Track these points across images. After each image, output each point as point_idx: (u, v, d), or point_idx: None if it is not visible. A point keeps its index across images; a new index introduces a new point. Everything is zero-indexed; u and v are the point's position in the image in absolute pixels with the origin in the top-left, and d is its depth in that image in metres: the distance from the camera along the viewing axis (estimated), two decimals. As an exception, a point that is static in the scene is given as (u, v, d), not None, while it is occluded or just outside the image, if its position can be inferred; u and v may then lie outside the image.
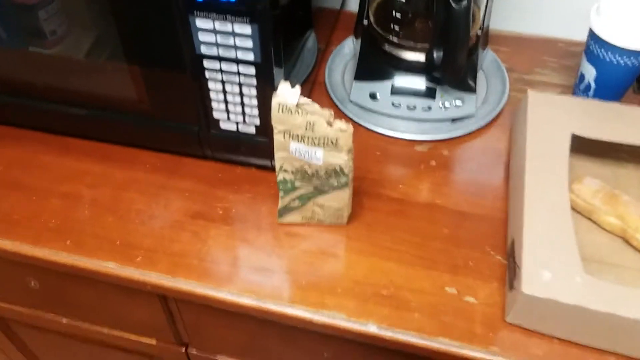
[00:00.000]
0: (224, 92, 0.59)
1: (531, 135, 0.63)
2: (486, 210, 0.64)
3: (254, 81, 0.57)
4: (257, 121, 0.61)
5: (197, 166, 0.68)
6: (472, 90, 0.72)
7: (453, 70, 0.67)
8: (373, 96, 0.73)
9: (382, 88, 0.73)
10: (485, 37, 0.77)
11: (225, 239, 0.61)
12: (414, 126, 0.73)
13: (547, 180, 0.58)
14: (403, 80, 0.73)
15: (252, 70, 0.56)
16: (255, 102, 0.59)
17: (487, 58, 0.80)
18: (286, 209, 0.61)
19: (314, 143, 0.53)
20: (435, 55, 0.68)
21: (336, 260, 0.59)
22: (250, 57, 0.54)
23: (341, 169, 0.55)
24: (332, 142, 0.53)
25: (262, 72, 0.56)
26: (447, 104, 0.72)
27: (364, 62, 0.75)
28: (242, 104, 0.59)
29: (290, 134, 0.54)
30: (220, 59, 0.55)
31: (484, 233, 0.62)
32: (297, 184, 0.58)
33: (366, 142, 0.72)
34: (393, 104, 0.73)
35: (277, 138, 0.54)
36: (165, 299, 0.67)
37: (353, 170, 0.57)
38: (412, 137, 0.71)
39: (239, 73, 0.56)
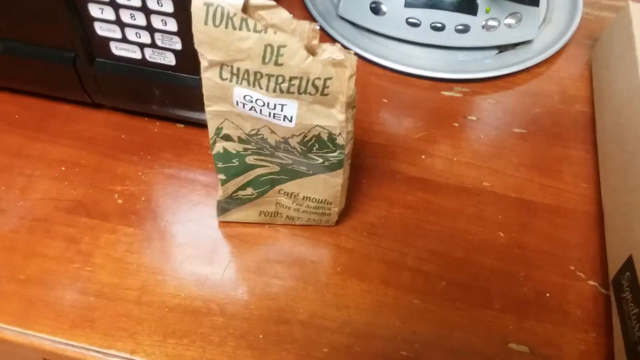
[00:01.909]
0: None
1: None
2: (564, 199, 0.39)
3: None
4: (177, 43, 0.33)
5: (83, 120, 0.41)
6: (534, 1, 0.45)
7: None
8: (375, 9, 0.46)
9: (391, -5, 0.46)
10: None
11: (125, 253, 0.35)
12: (439, 57, 0.46)
13: None
14: (425, -17, 0.45)
15: None
16: (170, 5, 0.31)
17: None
18: (232, 202, 0.35)
19: (281, 90, 0.27)
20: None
21: (317, 293, 0.34)
22: None
23: (332, 139, 0.29)
24: (315, 87, 0.26)
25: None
26: (493, 22, 0.45)
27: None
28: (146, 9, 0.32)
29: (232, 70, 0.27)
30: None
31: (564, 240, 0.37)
32: (251, 160, 0.32)
33: (365, 81, 0.45)
34: (408, 22, 0.45)
35: (208, 77, 0.27)
36: None
37: (353, 137, 0.31)
38: (439, 75, 0.45)
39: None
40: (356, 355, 0.31)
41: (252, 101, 0.28)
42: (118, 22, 0.33)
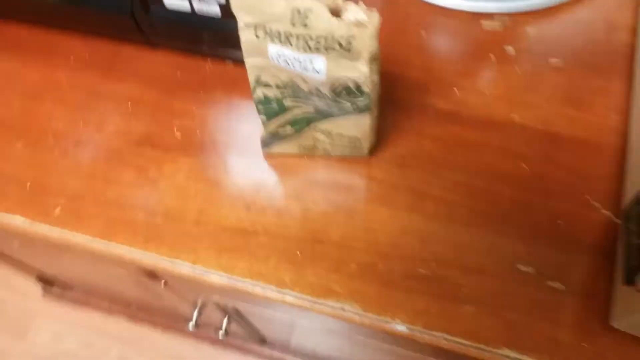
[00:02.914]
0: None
1: None
2: (592, 131, 0.41)
3: None
4: (221, -6, 0.36)
5: (144, 60, 0.45)
6: None
7: None
8: None
9: None
10: None
11: (185, 180, 0.40)
12: (482, -13, 0.46)
13: None
14: None
15: None
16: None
17: None
18: (274, 137, 0.39)
19: (309, 47, 0.30)
20: None
21: (349, 217, 0.39)
22: None
23: (358, 87, 0.32)
24: (340, 45, 0.29)
25: None
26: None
27: None
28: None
29: (265, 30, 0.30)
30: None
31: (586, 172, 0.39)
32: (288, 103, 0.36)
33: (402, 13, 0.46)
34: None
35: (245, 36, 0.31)
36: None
37: (379, 84, 0.33)
38: (478, 7, 0.45)
39: None
40: (379, 272, 0.37)
41: (284, 57, 0.31)
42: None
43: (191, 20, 0.39)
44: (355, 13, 0.29)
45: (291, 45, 0.30)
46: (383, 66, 0.44)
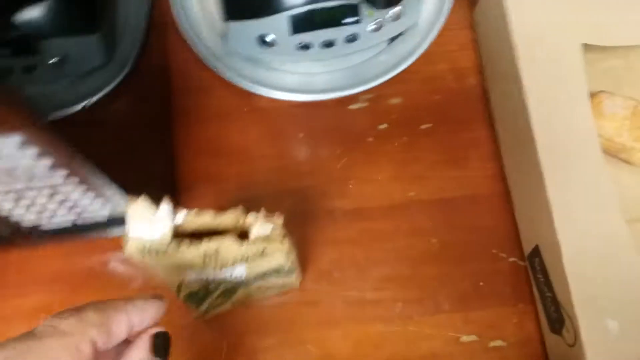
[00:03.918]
0: None
1: (519, 41, 0.41)
2: (476, 186, 0.45)
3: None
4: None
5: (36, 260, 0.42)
6: (409, -14, 0.46)
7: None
8: (263, 40, 0.45)
9: (274, 24, 0.45)
10: None
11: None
12: (340, 75, 0.47)
13: (561, 118, 0.39)
14: (304, 2, 0.45)
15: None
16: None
17: None
18: (207, 312, 0.39)
19: (225, 265, 0.30)
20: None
21: (294, 348, 0.40)
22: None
23: (279, 269, 0.33)
24: (256, 254, 0.30)
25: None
26: (378, 21, 0.46)
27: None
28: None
29: (179, 270, 0.30)
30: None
31: (485, 226, 0.44)
32: (212, 287, 0.36)
33: (273, 119, 0.47)
34: (299, 46, 0.46)
35: (156, 274, 0.30)
36: None
37: (296, 253, 0.35)
38: (341, 94, 0.46)
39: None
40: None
41: (205, 274, 0.31)
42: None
43: (75, 228, 0.37)
44: (260, 228, 0.29)
45: (206, 270, 0.30)
46: (280, 184, 0.44)
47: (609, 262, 0.36)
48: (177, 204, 0.43)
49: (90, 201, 0.31)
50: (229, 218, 0.29)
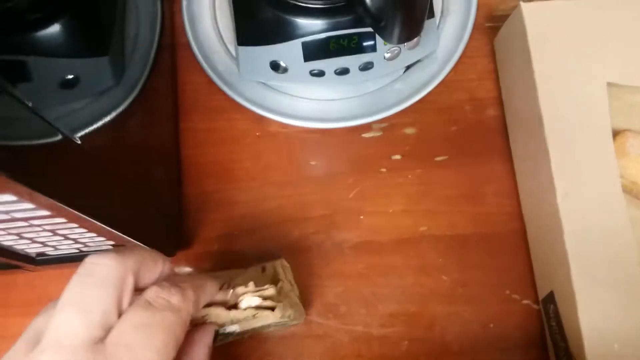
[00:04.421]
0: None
1: (540, 79, 0.39)
2: (491, 224, 0.43)
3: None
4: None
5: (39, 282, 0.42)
6: (429, 13, 0.44)
7: (409, 23, 0.38)
8: (275, 66, 0.44)
9: (287, 50, 0.44)
10: None
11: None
12: (354, 103, 0.46)
13: (582, 159, 0.38)
14: (318, 30, 0.44)
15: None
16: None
17: None
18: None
19: (216, 325, 0.30)
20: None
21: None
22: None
23: (275, 324, 0.33)
24: (246, 319, 0.30)
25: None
26: (394, 50, 0.44)
27: (245, 10, 0.44)
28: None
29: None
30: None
31: (498, 266, 0.42)
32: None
33: (285, 145, 0.46)
34: (312, 73, 0.45)
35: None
36: None
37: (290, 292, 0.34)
38: (355, 123, 0.45)
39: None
40: None
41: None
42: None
43: (81, 254, 0.36)
44: (249, 301, 0.29)
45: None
46: (288, 212, 0.43)
47: (627, 318, 0.34)
48: (182, 227, 0.43)
49: (91, 238, 0.31)
50: (211, 288, 0.29)
